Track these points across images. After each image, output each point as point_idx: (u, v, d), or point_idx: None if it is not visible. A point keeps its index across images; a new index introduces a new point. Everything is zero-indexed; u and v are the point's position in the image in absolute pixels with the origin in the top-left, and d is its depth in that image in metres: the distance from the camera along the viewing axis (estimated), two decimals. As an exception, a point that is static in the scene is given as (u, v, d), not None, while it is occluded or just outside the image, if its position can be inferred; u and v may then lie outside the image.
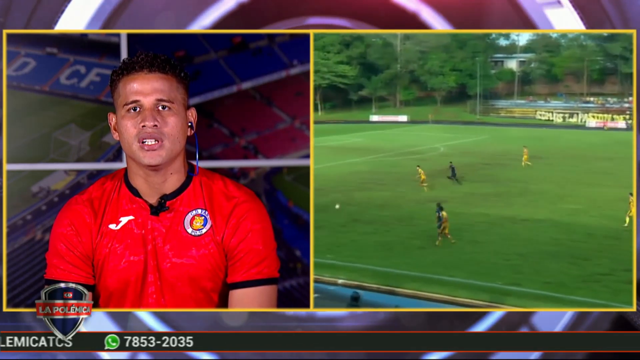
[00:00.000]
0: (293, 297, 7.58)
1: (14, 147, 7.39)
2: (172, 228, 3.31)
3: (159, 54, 3.25)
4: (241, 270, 3.34)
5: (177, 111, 3.24)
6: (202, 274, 3.32)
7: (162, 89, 3.21)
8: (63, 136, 7.63)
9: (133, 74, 3.21)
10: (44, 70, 7.59)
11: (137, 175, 3.31)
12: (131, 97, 3.19)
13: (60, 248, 3.35)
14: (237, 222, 3.33)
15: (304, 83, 7.65)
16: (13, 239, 7.49)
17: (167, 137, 3.21)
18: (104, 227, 3.33)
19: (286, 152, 7.69)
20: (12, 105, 7.30)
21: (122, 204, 3.34)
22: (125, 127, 3.20)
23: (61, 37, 7.55)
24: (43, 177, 7.60)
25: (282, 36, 7.60)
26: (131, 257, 3.31)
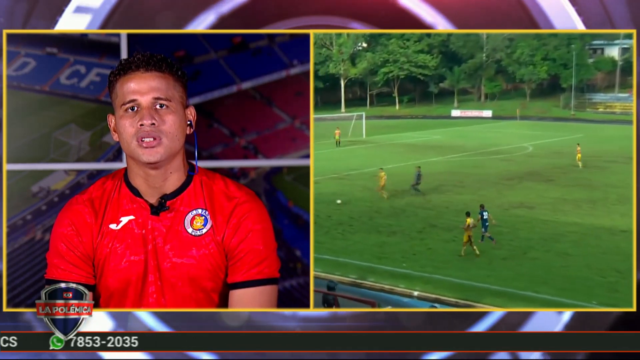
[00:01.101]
0: (293, 297, 7.57)
1: (14, 147, 7.39)
2: (172, 228, 3.31)
3: (155, 54, 3.26)
4: (241, 270, 3.34)
5: (175, 109, 3.24)
6: (202, 274, 3.32)
7: (159, 87, 3.21)
8: (63, 136, 7.63)
9: (130, 73, 3.22)
10: (44, 70, 7.59)
11: (138, 175, 3.31)
12: (128, 96, 3.20)
13: (61, 248, 3.35)
14: (238, 222, 3.33)
15: (304, 83, 7.65)
16: (13, 239, 7.49)
17: (166, 135, 3.21)
18: (105, 227, 3.33)
19: (286, 152, 7.69)
20: (12, 105, 7.30)
21: (122, 204, 3.34)
22: (123, 127, 3.20)
23: (61, 37, 7.55)
24: (43, 177, 7.59)
25: (282, 36, 7.60)
26: (132, 256, 3.31)
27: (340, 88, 59.30)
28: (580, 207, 20.14)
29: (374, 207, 20.79)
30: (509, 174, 25.82)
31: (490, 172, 26.38)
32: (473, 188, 23.34)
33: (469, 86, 58.19)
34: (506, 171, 26.70)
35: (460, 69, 55.93)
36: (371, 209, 20.47)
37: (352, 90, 62.51)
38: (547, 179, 25.04)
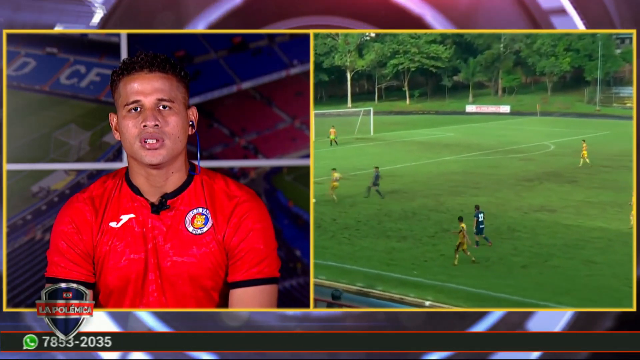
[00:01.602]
0: (293, 297, 7.57)
1: (14, 147, 7.39)
2: (173, 226, 3.31)
3: (158, 54, 3.26)
4: (242, 270, 3.34)
5: (178, 110, 3.24)
6: (202, 273, 3.32)
7: (162, 88, 3.21)
8: (63, 136, 7.63)
9: (133, 74, 3.22)
10: (44, 70, 7.59)
11: (139, 174, 3.31)
12: (132, 97, 3.20)
13: (61, 246, 3.35)
14: (239, 221, 3.33)
15: (304, 83, 7.65)
16: (13, 239, 7.49)
17: (169, 137, 3.21)
18: (105, 225, 3.33)
19: (286, 152, 7.69)
20: (12, 105, 7.30)
21: (123, 202, 3.34)
22: (126, 127, 3.20)
23: (61, 37, 7.55)
24: (43, 177, 7.59)
25: (282, 36, 7.60)
26: (131, 255, 3.31)
27: (347, 81, 56.06)
28: (606, 211, 18.70)
29: (383, 209, 19.46)
30: (529, 175, 24.15)
31: (508, 172, 24.82)
32: (489, 190, 21.83)
33: (485, 79, 54.55)
34: (525, 171, 24.98)
35: (476, 61, 52.40)
36: (380, 212, 19.17)
37: (359, 83, 59.12)
38: (570, 180, 23.40)
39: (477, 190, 21.71)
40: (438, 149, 31.39)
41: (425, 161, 27.49)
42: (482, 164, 27.01)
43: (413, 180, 23.25)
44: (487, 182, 23.10)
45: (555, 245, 15.65)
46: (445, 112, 50.23)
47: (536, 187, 22.24)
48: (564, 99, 49.11)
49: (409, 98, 55.62)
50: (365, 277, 13.92)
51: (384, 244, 16.21)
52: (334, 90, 56.56)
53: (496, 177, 23.91)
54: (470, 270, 13.96)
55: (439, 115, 48.82)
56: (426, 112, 50.88)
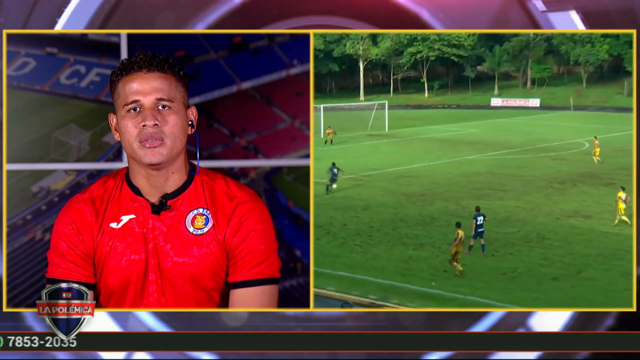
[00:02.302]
0: (293, 297, 7.57)
1: (14, 147, 7.39)
2: (173, 227, 3.31)
3: (157, 54, 3.26)
4: (242, 270, 3.34)
5: (177, 110, 3.25)
6: (203, 273, 3.33)
7: (161, 88, 3.21)
8: (63, 136, 7.63)
9: (132, 74, 3.22)
10: (44, 70, 7.59)
11: (139, 174, 3.31)
12: (131, 97, 3.20)
13: (62, 246, 3.35)
14: (239, 221, 3.33)
15: (304, 83, 7.65)
16: (13, 239, 7.49)
17: (168, 136, 3.21)
18: (105, 226, 3.33)
19: (286, 152, 7.69)
20: (12, 105, 7.30)
21: (123, 203, 3.34)
22: (125, 127, 3.20)
23: (61, 37, 7.55)
24: (43, 177, 7.59)
25: (282, 36, 7.60)
26: (132, 255, 3.31)
27: (359, 71, 51.50)
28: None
29: (398, 214, 17.70)
30: (561, 176, 22.08)
31: (538, 173, 22.70)
32: (517, 192, 19.86)
33: (513, 69, 49.89)
34: (557, 172, 22.92)
35: (502, 49, 47.75)
36: (395, 217, 17.42)
37: (372, 74, 54.62)
38: (607, 182, 21.12)
39: (503, 193, 19.80)
40: (460, 147, 28.84)
41: (445, 160, 25.28)
42: (509, 163, 24.82)
43: (432, 181, 21.44)
44: (514, 184, 21.10)
45: (590, 255, 14.26)
46: (468, 106, 45.95)
47: (569, 190, 20.31)
48: (601, 92, 44.88)
49: (428, 90, 50.98)
50: (378, 288, 12.70)
51: (399, 252, 14.82)
52: (345, 81, 52.31)
53: (525, 179, 21.81)
54: (495, 281, 12.75)
55: (461, 110, 44.86)
56: (447, 106, 46.57)
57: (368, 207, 18.47)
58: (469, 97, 49.14)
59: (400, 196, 19.43)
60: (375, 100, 41.63)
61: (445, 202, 18.89)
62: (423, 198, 19.41)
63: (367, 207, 18.47)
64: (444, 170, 22.62)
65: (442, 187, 20.62)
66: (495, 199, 19.09)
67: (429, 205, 18.52)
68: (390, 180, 21.82)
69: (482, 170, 23.51)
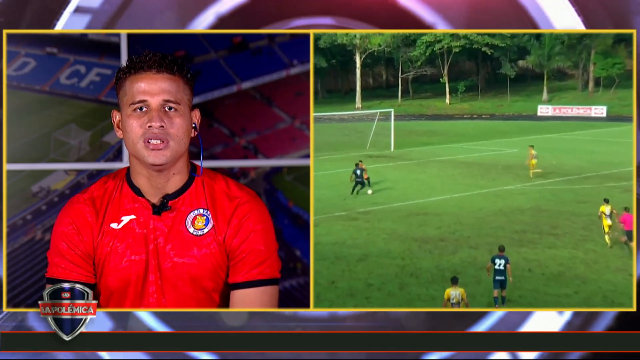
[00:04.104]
0: (293, 297, 7.58)
1: (14, 147, 7.39)
2: (174, 228, 3.32)
3: (166, 54, 3.26)
4: (243, 271, 3.35)
5: (182, 112, 3.26)
6: (203, 274, 3.33)
7: (169, 89, 3.22)
8: (63, 136, 7.63)
9: (141, 73, 3.22)
10: (44, 70, 7.59)
11: (140, 174, 3.31)
12: (138, 96, 3.20)
13: (62, 247, 3.35)
14: (239, 222, 3.34)
15: (304, 83, 7.66)
16: (13, 239, 7.49)
17: (173, 138, 3.22)
18: (106, 226, 3.34)
19: (286, 152, 7.69)
20: (12, 105, 7.30)
21: (124, 203, 3.34)
22: (131, 126, 3.21)
23: (61, 37, 7.55)
24: (43, 177, 7.60)
25: (282, 36, 7.60)
26: (132, 256, 3.31)
27: (355, 68, 38.80)
28: None
29: (408, 267, 12.90)
30: None
31: None
32: (575, 238, 14.62)
33: (569, 65, 37.20)
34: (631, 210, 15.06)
35: (554, 37, 34.99)
36: (404, 271, 12.71)
37: (373, 71, 42.20)
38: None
39: (554, 238, 14.62)
40: (495, 174, 21.58)
41: (474, 192, 18.86)
42: (563, 197, 18.35)
43: (456, 221, 15.90)
44: (571, 226, 15.56)
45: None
46: (506, 117, 35.12)
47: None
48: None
49: (450, 94, 38.11)
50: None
51: (409, 322, 10.51)
52: (336, 82, 40.58)
53: (585, 219, 16.04)
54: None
55: (496, 121, 34.20)
56: (476, 116, 35.75)
57: (366, 257, 13.53)
58: (508, 104, 37.57)
59: (411, 242, 14.42)
60: (377, 108, 32.63)
61: (474, 250, 13.88)
62: (442, 245, 14.31)
63: (364, 257, 13.52)
64: (473, 206, 17.10)
65: (469, 230, 15.25)
66: (544, 247, 14.10)
67: (450, 255, 13.58)
68: (398, 220, 16.19)
69: (525, 205, 17.53)
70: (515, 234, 14.89)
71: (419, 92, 40.36)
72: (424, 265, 12.99)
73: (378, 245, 14.22)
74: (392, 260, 13.30)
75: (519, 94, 38.23)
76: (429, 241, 14.53)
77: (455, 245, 14.25)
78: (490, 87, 39.00)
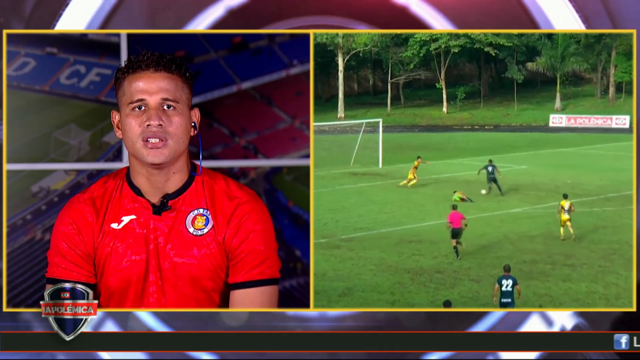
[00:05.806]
0: (293, 297, 7.58)
1: (14, 147, 7.38)
2: (174, 227, 3.32)
3: (165, 54, 3.27)
4: (242, 271, 3.35)
5: (181, 111, 3.26)
6: (203, 274, 3.33)
7: (167, 88, 3.22)
8: (63, 136, 7.63)
9: (139, 72, 3.23)
10: (44, 70, 7.59)
11: (140, 174, 3.31)
12: (137, 95, 3.21)
13: (62, 247, 3.35)
14: (239, 222, 3.34)
15: (304, 83, 7.66)
16: (13, 239, 7.49)
17: (172, 137, 3.22)
18: (106, 226, 3.34)
19: (286, 152, 7.69)
20: (12, 105, 7.30)
21: (124, 203, 3.34)
22: (129, 126, 3.21)
23: (61, 37, 7.55)
24: (43, 177, 7.59)
25: (282, 36, 7.60)
26: (133, 256, 3.31)
27: (336, 72, 34.61)
28: None
29: (399, 302, 11.50)
30: None
31: (628, 238, 14.08)
32: (594, 270, 12.77)
33: (586, 68, 32.66)
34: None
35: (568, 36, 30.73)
36: (394, 307, 11.23)
37: (358, 75, 38.28)
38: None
39: (570, 270, 12.70)
40: (498, 195, 19.00)
41: (476, 215, 16.47)
42: (580, 221, 15.54)
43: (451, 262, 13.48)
44: (588, 256, 13.55)
45: None
46: (513, 128, 31.07)
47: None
48: None
49: (448, 102, 34.15)
50: None
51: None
52: (315, 87, 33.35)
53: (606, 247, 13.99)
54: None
55: (501, 133, 30.15)
56: (478, 127, 31.56)
57: (350, 292, 11.83)
58: (515, 113, 33.36)
59: (403, 273, 12.73)
60: (363, 117, 28.57)
61: (475, 283, 12.10)
62: (439, 277, 12.55)
63: (348, 292, 11.82)
64: (474, 231, 14.82)
65: (470, 259, 13.42)
66: (558, 279, 12.28)
67: (448, 289, 11.84)
68: (387, 248, 14.28)
69: (535, 231, 15.40)
70: (523, 265, 13.03)
71: (411, 99, 36.56)
72: (418, 301, 11.43)
73: (363, 278, 12.50)
74: (381, 296, 11.66)
75: (528, 101, 34.43)
76: (423, 273, 12.82)
77: (454, 277, 12.55)
78: (495, 93, 35.41)
